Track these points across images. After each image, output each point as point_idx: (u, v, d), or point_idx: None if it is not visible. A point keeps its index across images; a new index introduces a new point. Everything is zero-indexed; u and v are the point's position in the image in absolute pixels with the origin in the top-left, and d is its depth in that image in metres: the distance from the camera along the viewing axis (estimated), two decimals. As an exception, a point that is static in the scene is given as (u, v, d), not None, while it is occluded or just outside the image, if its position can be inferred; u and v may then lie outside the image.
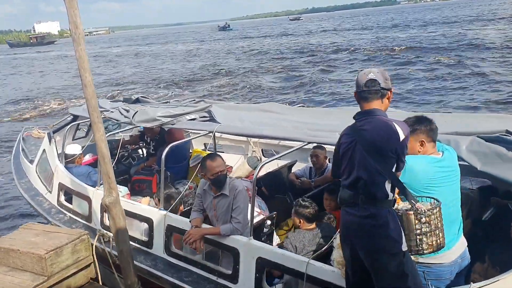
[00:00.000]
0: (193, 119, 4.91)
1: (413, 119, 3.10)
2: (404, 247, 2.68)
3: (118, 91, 23.30)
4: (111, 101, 6.47)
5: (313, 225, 4.09)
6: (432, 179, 2.92)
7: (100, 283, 4.37)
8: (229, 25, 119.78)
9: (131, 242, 4.56)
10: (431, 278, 2.97)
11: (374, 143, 2.69)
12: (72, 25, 3.49)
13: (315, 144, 5.32)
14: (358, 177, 2.73)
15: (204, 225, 4.13)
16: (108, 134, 5.61)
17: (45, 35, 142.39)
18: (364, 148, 2.71)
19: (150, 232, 4.54)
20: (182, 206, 4.87)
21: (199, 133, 5.08)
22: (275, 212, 4.50)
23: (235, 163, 6.47)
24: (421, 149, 3.03)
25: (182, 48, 56.98)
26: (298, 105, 5.85)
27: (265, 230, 4.38)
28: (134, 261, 4.28)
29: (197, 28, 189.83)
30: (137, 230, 4.71)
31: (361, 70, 2.89)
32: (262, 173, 5.67)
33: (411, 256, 2.77)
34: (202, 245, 3.94)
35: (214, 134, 4.66)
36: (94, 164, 6.08)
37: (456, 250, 3.02)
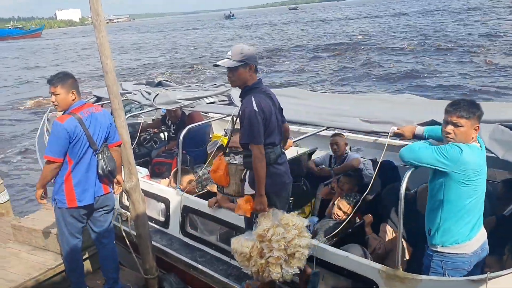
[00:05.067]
0: (213, 103, 4.91)
1: (468, 102, 2.85)
2: None
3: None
4: (134, 84, 6.52)
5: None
6: (477, 170, 2.78)
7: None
8: (233, 14, 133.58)
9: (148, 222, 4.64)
10: (449, 268, 2.89)
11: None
12: (93, 12, 3.50)
13: (334, 132, 5.26)
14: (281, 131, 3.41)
15: None
16: (129, 115, 5.69)
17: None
18: (276, 107, 3.35)
19: (167, 212, 4.58)
20: (196, 189, 4.88)
21: (219, 117, 5.08)
22: (291, 198, 4.47)
23: (255, 149, 6.43)
24: (474, 135, 2.83)
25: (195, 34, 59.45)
26: (321, 91, 5.77)
27: (281, 215, 4.36)
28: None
29: (210, 16, 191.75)
30: (155, 210, 4.77)
31: (243, 44, 3.34)
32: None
33: None
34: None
35: (232, 118, 4.65)
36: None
37: (477, 240, 2.91)
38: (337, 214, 4.02)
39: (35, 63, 39.29)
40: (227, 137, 5.95)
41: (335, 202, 4.17)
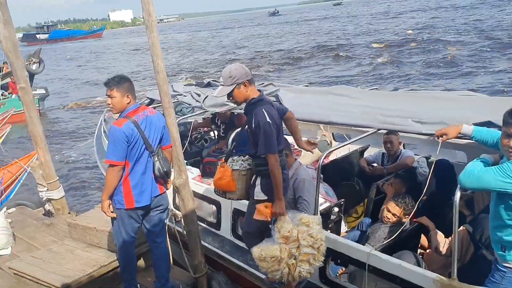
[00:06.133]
0: (260, 103, 4.89)
1: None
2: None
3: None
4: (184, 85, 6.63)
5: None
6: None
7: (171, 260, 4.54)
8: (278, 11, 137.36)
9: (200, 223, 4.73)
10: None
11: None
12: (145, 12, 3.56)
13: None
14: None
15: None
16: (180, 118, 5.81)
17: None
18: (279, 117, 3.54)
19: (218, 214, 4.66)
20: None
21: None
22: (343, 200, 4.40)
23: (304, 147, 6.37)
24: None
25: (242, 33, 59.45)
26: (371, 88, 5.59)
27: (332, 217, 4.30)
28: (203, 242, 4.42)
29: (260, 13, 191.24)
30: (207, 212, 4.86)
31: (230, 65, 3.49)
32: (332, 157, 5.57)
33: None
34: None
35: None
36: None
37: None
38: (386, 217, 3.90)
39: (104, 63, 41.08)
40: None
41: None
